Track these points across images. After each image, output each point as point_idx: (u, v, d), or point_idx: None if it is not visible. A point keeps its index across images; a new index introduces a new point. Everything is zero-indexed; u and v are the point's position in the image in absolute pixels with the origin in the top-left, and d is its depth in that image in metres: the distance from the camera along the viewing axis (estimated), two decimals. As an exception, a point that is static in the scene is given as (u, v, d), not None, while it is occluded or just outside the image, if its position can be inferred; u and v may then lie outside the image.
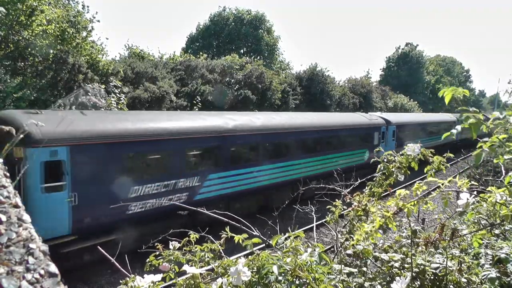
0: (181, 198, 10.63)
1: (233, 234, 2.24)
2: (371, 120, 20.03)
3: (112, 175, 8.96)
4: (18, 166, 7.48)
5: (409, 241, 2.24)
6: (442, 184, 2.23)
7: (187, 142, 10.76)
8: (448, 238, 2.20)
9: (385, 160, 2.67)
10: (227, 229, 2.33)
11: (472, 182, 2.38)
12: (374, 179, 2.74)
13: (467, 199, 2.08)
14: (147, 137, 9.77)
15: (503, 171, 2.95)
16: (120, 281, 1.92)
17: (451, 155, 2.63)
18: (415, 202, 2.15)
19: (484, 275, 1.85)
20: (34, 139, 7.67)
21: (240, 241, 2.12)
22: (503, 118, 1.99)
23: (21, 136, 1.41)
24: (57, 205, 8.07)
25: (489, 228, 2.45)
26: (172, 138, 10.32)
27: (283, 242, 1.93)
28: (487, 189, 2.39)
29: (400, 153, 2.68)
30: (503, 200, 2.09)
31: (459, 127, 2.03)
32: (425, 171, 2.59)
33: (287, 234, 1.95)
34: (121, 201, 8.74)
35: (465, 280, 1.99)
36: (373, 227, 2.05)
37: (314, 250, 1.71)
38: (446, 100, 2.09)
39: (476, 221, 2.65)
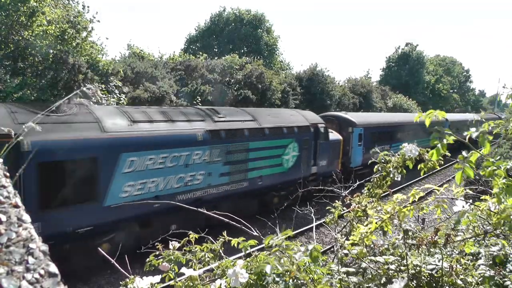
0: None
1: (230, 238, 2.25)
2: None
3: (374, 140, 19.29)
4: (348, 136, 18.18)
5: (402, 241, 2.25)
6: (438, 191, 2.24)
7: (388, 128, 21.74)
8: (443, 242, 2.21)
9: (383, 160, 2.69)
10: (225, 233, 2.35)
11: (467, 189, 2.38)
12: (372, 180, 2.76)
13: (462, 206, 2.10)
14: (384, 124, 21.46)
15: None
16: (120, 282, 1.92)
17: (448, 154, 2.64)
18: (412, 208, 2.16)
19: (480, 273, 1.86)
20: (356, 124, 18.44)
21: (236, 245, 2.13)
22: (478, 135, 2.00)
23: (17, 139, 1.41)
24: (360, 152, 18.73)
25: (483, 234, 2.45)
26: (389, 125, 22.02)
27: (274, 243, 1.93)
28: (483, 196, 2.40)
29: (398, 153, 2.71)
30: (496, 210, 2.11)
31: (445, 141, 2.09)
32: (418, 168, 2.62)
33: (279, 235, 1.96)
34: (374, 153, 19.03)
35: (461, 282, 1.99)
36: (369, 229, 2.06)
37: (308, 248, 1.71)
38: (427, 123, 2.20)
39: (470, 228, 2.66)
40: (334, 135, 17.03)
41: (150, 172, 9.49)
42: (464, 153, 2.01)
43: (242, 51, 43.25)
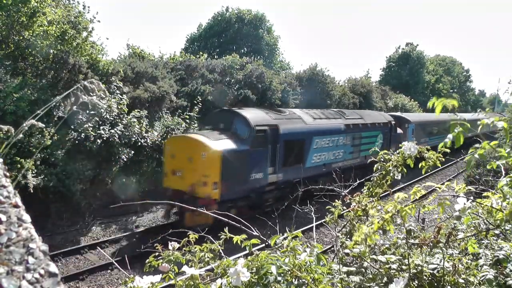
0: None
1: (232, 235, 2.24)
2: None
3: (421, 134, 25.54)
4: (405, 130, 23.89)
5: (405, 241, 2.24)
6: (440, 189, 2.23)
7: (430, 124, 28.56)
8: (444, 241, 2.19)
9: (382, 159, 2.67)
10: (226, 230, 2.33)
11: (469, 187, 2.37)
12: (372, 179, 2.74)
13: (464, 203, 2.09)
14: (427, 122, 27.96)
15: (503, 172, 2.93)
16: (120, 281, 1.92)
17: (448, 150, 2.62)
18: (413, 206, 2.15)
19: (482, 275, 1.85)
20: (410, 121, 24.94)
21: (239, 242, 2.11)
22: (490, 123, 2.00)
23: (15, 135, 1.42)
24: (410, 140, 21.81)
25: (484, 232, 2.44)
26: (431, 122, 28.38)
27: (281, 242, 1.92)
28: (485, 193, 2.39)
29: (397, 151, 2.69)
30: (499, 206, 2.09)
31: (451, 136, 2.05)
32: (419, 166, 2.60)
33: (285, 234, 1.95)
34: (421, 140, 25.50)
35: (462, 281, 1.98)
36: (372, 228, 2.05)
37: (313, 250, 1.71)
38: (437, 111, 2.08)
39: (473, 225, 2.65)
40: (398, 130, 23.06)
41: (323, 149, 15.89)
42: (476, 145, 2.04)
43: (243, 51, 43.24)
